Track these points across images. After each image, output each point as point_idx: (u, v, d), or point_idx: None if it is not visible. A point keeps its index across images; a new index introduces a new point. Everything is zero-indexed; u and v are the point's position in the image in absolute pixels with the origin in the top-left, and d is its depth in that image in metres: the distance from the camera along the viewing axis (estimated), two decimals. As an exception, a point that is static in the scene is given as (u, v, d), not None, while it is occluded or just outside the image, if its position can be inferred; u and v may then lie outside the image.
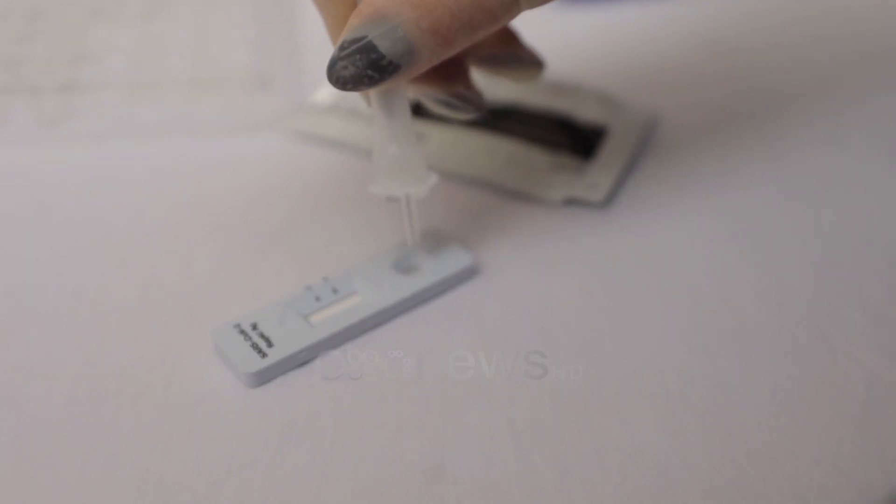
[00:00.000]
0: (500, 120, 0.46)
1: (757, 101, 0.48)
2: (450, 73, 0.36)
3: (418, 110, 0.46)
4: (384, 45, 0.31)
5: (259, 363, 0.33)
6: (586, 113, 0.46)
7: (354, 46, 0.31)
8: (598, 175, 0.42)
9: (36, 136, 0.45)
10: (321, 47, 0.34)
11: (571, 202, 0.41)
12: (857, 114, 0.47)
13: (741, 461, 0.31)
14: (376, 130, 0.34)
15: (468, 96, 0.36)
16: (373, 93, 0.33)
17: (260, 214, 0.41)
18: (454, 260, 0.37)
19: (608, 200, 0.41)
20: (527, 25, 0.39)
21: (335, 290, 0.36)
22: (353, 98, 0.47)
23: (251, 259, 0.39)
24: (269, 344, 0.34)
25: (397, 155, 0.34)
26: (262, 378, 0.33)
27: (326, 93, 0.48)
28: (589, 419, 0.32)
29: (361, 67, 0.31)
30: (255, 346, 0.34)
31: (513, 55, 0.38)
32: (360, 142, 0.45)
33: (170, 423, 0.32)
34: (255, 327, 0.34)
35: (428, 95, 0.36)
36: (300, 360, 0.34)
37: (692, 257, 0.39)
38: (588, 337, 0.35)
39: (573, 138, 0.45)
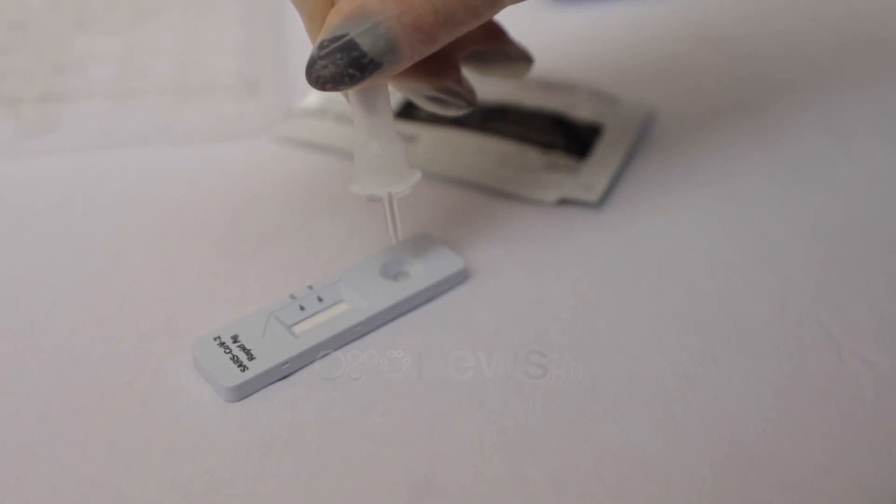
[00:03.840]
0: (492, 120, 0.44)
1: (753, 92, 0.47)
2: (438, 68, 0.35)
3: (408, 111, 0.45)
4: (366, 43, 0.30)
5: (239, 377, 0.32)
6: (580, 111, 0.45)
7: (335, 45, 0.30)
8: (594, 175, 0.41)
9: (17, 147, 0.44)
10: (309, 52, 0.33)
11: (566, 202, 0.40)
12: (856, 103, 0.46)
13: (745, 468, 0.30)
14: (357, 128, 0.33)
15: (458, 91, 0.35)
16: (352, 90, 0.32)
17: (245, 222, 0.40)
18: (444, 264, 0.36)
19: (603, 200, 0.40)
20: (516, 23, 0.38)
21: (320, 299, 0.35)
22: (342, 102, 0.46)
23: (235, 267, 0.38)
24: (251, 357, 0.33)
25: (378, 153, 0.33)
26: (243, 392, 0.32)
27: (315, 98, 0.47)
28: (585, 425, 0.31)
29: (342, 66, 0.30)
30: (236, 359, 0.32)
31: (500, 51, 0.37)
32: (349, 146, 0.44)
33: (146, 440, 0.31)
34: (235, 339, 0.33)
35: (416, 91, 0.35)
36: (283, 372, 0.33)
37: (691, 256, 0.37)
38: (584, 341, 0.34)
39: (567, 137, 0.43)
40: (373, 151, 0.33)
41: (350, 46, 0.30)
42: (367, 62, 0.30)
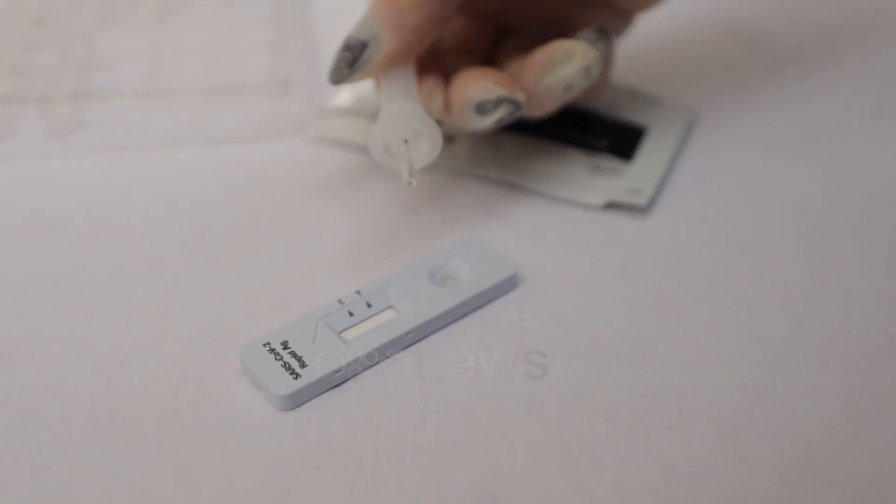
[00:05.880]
0: (532, 119, 0.43)
1: (798, 93, 0.46)
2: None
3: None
4: (353, 31, 0.35)
5: (292, 385, 0.31)
6: (622, 111, 0.44)
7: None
8: (641, 178, 0.40)
9: (46, 147, 0.43)
10: (339, 48, 0.33)
11: (613, 205, 0.39)
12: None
13: (821, 486, 0.29)
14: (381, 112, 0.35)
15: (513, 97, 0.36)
16: (382, 80, 0.36)
17: (284, 224, 0.39)
18: (494, 270, 0.35)
19: (651, 204, 0.39)
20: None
21: (369, 305, 0.34)
22: (376, 102, 0.45)
23: (278, 271, 0.37)
24: (302, 364, 0.32)
25: (405, 113, 0.35)
26: (296, 400, 0.31)
27: (348, 96, 0.46)
28: (649, 440, 0.30)
29: (338, 57, 0.35)
30: (287, 366, 0.31)
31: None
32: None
33: (196, 450, 0.30)
34: (285, 346, 0.32)
35: (469, 101, 0.36)
36: (335, 380, 0.32)
37: (745, 264, 0.36)
38: (641, 351, 0.33)
39: (610, 138, 0.42)
40: (398, 111, 0.35)
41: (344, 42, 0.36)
42: (353, 44, 0.35)
